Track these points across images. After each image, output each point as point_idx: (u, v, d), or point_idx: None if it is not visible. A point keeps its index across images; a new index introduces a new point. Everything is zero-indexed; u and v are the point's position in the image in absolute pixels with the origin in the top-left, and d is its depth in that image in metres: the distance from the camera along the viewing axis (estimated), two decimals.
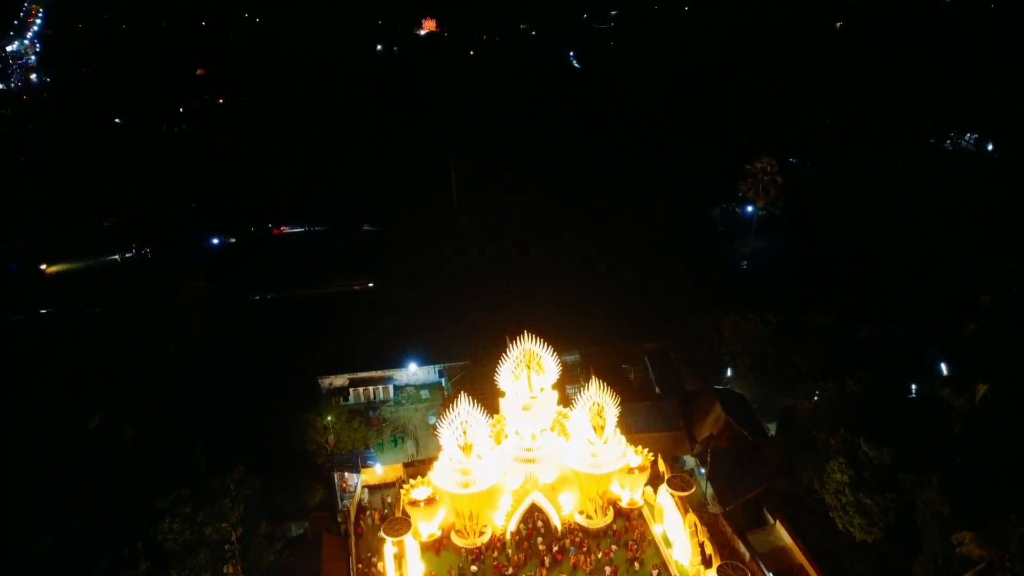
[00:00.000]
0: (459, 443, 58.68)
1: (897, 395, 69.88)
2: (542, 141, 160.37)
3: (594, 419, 59.80)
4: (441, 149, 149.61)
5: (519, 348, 59.07)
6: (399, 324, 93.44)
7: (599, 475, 60.50)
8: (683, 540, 58.88)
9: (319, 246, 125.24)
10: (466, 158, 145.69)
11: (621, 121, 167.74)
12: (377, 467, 69.97)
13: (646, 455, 64.16)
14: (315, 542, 63.69)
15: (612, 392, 59.79)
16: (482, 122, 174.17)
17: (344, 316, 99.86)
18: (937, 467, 56.44)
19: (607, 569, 58.78)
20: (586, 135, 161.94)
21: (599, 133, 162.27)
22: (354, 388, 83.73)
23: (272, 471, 66.89)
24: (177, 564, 51.90)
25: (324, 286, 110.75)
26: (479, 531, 62.20)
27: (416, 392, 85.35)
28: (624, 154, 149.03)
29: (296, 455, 70.50)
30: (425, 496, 61.30)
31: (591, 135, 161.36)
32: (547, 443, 61.01)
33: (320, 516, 66.39)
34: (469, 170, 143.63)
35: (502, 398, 61.18)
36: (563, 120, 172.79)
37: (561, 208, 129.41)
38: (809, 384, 70.37)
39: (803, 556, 58.91)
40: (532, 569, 59.40)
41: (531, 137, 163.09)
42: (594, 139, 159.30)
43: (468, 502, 59.69)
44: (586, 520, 63.83)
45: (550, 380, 60.69)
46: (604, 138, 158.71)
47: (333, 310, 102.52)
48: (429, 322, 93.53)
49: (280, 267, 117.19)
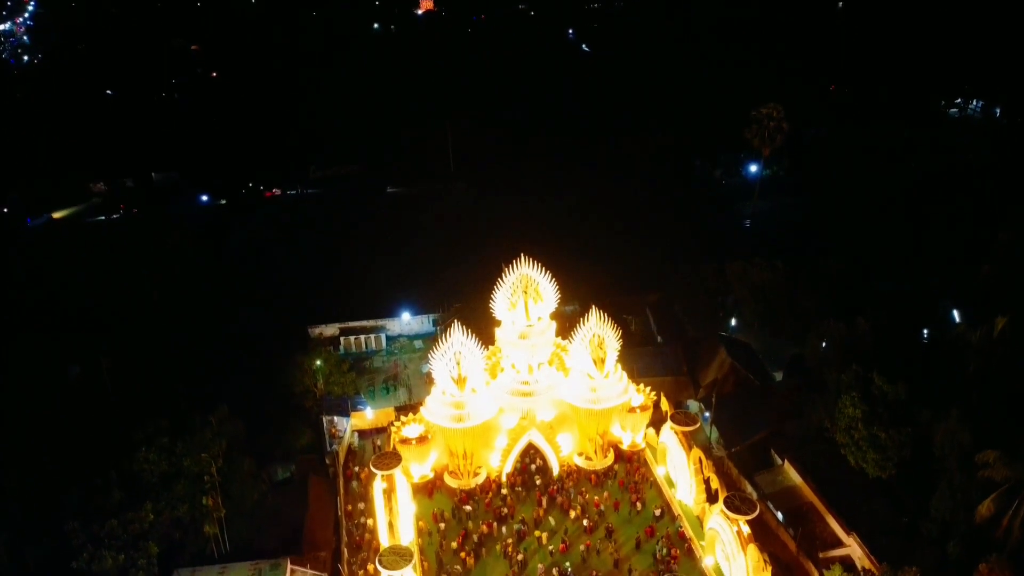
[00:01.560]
0: (452, 376, 55.78)
1: (910, 337, 66.93)
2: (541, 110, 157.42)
3: (594, 352, 56.88)
4: (438, 117, 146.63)
5: (516, 273, 55.85)
6: (392, 274, 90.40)
7: (599, 411, 57.63)
8: (686, 479, 56.05)
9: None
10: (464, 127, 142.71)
11: (621, 91, 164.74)
12: (368, 411, 67.04)
13: (648, 394, 61.36)
14: (302, 484, 61.01)
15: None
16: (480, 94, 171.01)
17: (336, 265, 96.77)
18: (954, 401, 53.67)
19: (604, 510, 56.03)
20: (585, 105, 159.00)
21: (598, 102, 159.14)
22: (345, 338, 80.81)
23: (258, 414, 64.28)
24: (153, 495, 49.04)
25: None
26: (473, 472, 59.38)
27: (410, 343, 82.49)
28: (624, 121, 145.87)
29: (283, 399, 67.83)
30: (417, 434, 58.45)
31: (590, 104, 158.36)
32: (545, 377, 58.03)
33: (308, 459, 63.65)
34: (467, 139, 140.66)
35: (498, 328, 58.14)
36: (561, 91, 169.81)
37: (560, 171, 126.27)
38: (819, 327, 67.27)
39: (813, 494, 56.21)
40: (528, 509, 56.58)
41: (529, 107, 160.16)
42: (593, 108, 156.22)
43: (462, 439, 56.80)
44: (585, 462, 61.01)
45: (548, 309, 57.70)
46: (603, 106, 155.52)
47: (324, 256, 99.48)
48: (423, 273, 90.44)
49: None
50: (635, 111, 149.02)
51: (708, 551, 51.58)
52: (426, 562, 51.99)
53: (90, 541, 44.65)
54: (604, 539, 53.44)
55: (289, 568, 44.48)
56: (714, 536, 50.65)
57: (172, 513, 49.18)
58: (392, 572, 43.46)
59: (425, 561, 52.00)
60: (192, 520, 50.81)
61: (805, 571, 51.96)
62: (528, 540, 53.91)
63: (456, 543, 53.21)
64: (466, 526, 55.23)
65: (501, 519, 55.60)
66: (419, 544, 52.29)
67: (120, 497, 47.54)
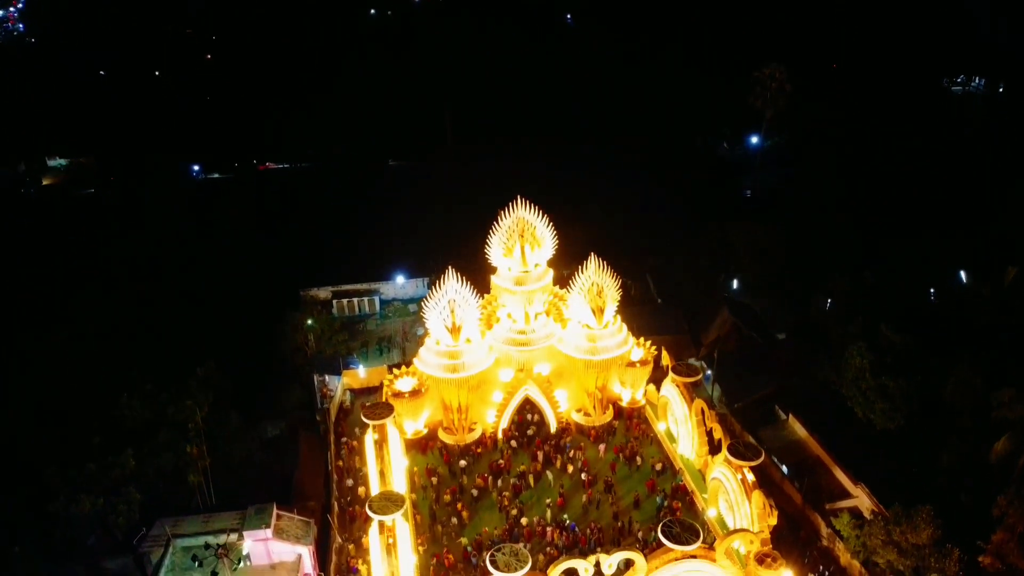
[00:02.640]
0: (446, 325, 53.85)
1: (917, 291, 65.28)
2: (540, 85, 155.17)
3: (592, 301, 54.95)
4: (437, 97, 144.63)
5: (511, 216, 53.87)
6: (387, 238, 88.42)
7: (598, 363, 55.66)
8: (688, 433, 54.20)
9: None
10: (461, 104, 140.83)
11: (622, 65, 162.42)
12: (360, 369, 65.16)
13: (648, 348, 59.50)
14: (292, 441, 59.30)
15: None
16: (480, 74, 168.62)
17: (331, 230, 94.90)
18: (965, 351, 52.05)
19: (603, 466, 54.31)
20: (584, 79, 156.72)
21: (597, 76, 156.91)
22: (337, 300, 78.93)
23: (248, 371, 62.65)
24: (135, 442, 47.19)
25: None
26: (468, 427, 57.55)
27: (404, 306, 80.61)
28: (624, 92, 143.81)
29: (274, 357, 66.01)
30: (410, 387, 56.58)
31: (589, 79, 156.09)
32: (542, 327, 56.13)
33: (298, 416, 61.87)
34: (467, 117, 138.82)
35: (493, 275, 56.22)
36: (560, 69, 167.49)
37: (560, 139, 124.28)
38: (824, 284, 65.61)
39: (819, 447, 54.49)
40: (524, 463, 54.75)
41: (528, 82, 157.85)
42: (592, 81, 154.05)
43: (456, 391, 54.89)
44: (584, 418, 59.17)
45: (545, 256, 55.75)
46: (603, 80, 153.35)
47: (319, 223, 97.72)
48: (419, 238, 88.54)
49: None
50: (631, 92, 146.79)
51: (711, 503, 49.81)
52: (419, 515, 50.24)
53: (68, 485, 42.83)
54: (603, 492, 51.71)
55: (275, 513, 42.63)
56: (717, 486, 48.84)
57: (155, 461, 47.34)
58: (383, 517, 41.60)
59: (418, 515, 50.25)
60: (176, 470, 49.01)
61: (811, 523, 50.26)
62: (525, 495, 52.16)
63: (449, 496, 51.44)
64: (460, 481, 53.46)
65: (497, 474, 53.80)
66: (412, 498, 50.53)
67: (100, 442, 45.67)
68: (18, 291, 73.82)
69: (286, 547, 42.19)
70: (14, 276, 77.62)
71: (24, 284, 76.21)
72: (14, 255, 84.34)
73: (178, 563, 42.46)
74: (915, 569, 39.29)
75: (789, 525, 49.60)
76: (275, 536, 41.50)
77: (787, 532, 48.68)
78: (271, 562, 41.97)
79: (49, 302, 72.05)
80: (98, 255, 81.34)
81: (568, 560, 40.71)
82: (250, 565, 42.04)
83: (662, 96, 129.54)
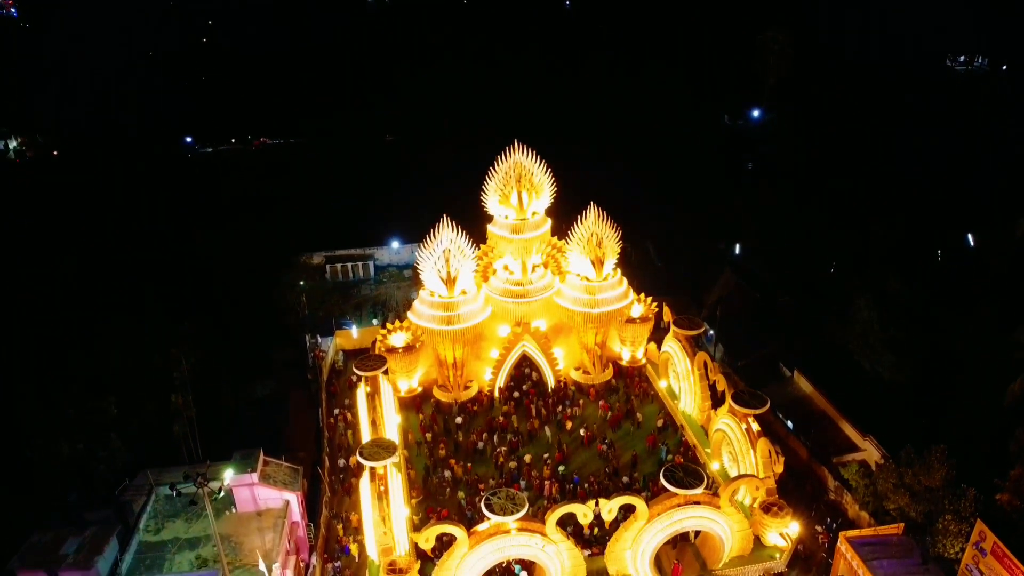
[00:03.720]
0: (441, 275, 52.16)
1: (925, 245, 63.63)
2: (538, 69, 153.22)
3: (592, 252, 53.29)
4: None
5: (508, 161, 52.03)
6: (382, 203, 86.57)
7: (596, 316, 54.00)
8: (690, 388, 52.54)
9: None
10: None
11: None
12: (353, 330, 63.53)
13: (649, 304, 57.86)
14: (283, 398, 57.71)
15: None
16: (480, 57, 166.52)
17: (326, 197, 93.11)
18: (976, 302, 50.46)
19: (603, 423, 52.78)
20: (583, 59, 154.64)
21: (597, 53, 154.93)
22: (331, 265, 77.19)
23: (239, 330, 60.96)
24: (118, 389, 45.47)
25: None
26: (464, 384, 55.95)
27: (399, 272, 78.94)
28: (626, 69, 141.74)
29: (266, 316, 64.29)
30: (403, 342, 54.92)
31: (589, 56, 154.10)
32: (539, 279, 54.43)
33: (289, 375, 60.24)
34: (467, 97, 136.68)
35: (489, 224, 54.48)
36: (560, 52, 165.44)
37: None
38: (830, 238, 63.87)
39: (826, 401, 52.88)
40: (522, 421, 53.14)
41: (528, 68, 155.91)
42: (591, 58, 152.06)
43: (452, 345, 53.22)
44: (583, 376, 57.59)
45: (543, 204, 54.00)
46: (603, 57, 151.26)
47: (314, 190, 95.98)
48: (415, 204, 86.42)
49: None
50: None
51: (714, 457, 48.25)
52: (412, 471, 48.64)
53: (46, 429, 41.14)
54: (604, 448, 50.12)
55: (262, 459, 40.95)
56: (720, 439, 47.28)
57: (139, 410, 45.63)
58: (373, 463, 39.92)
59: (412, 470, 48.65)
60: (161, 426, 47.39)
61: (818, 477, 48.67)
62: (522, 451, 50.55)
63: (443, 451, 49.84)
64: (456, 438, 51.86)
65: (493, 431, 52.19)
66: (405, 455, 48.93)
67: (80, 389, 43.95)
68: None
69: (273, 493, 40.50)
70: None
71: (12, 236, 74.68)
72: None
73: (161, 510, 40.87)
74: (927, 514, 37.65)
75: (795, 480, 48.06)
76: (261, 481, 39.81)
77: (793, 487, 47.15)
78: (257, 508, 40.27)
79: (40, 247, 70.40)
80: (88, 219, 79.56)
81: (567, 506, 39.20)
82: (235, 512, 40.39)
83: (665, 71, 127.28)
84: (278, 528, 39.30)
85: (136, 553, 38.24)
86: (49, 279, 60.78)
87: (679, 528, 40.19)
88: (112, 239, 71.99)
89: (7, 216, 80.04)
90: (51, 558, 37.97)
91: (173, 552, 38.17)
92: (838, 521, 44.60)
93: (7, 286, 60.41)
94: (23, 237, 73.46)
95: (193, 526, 39.73)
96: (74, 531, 39.43)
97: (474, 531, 38.42)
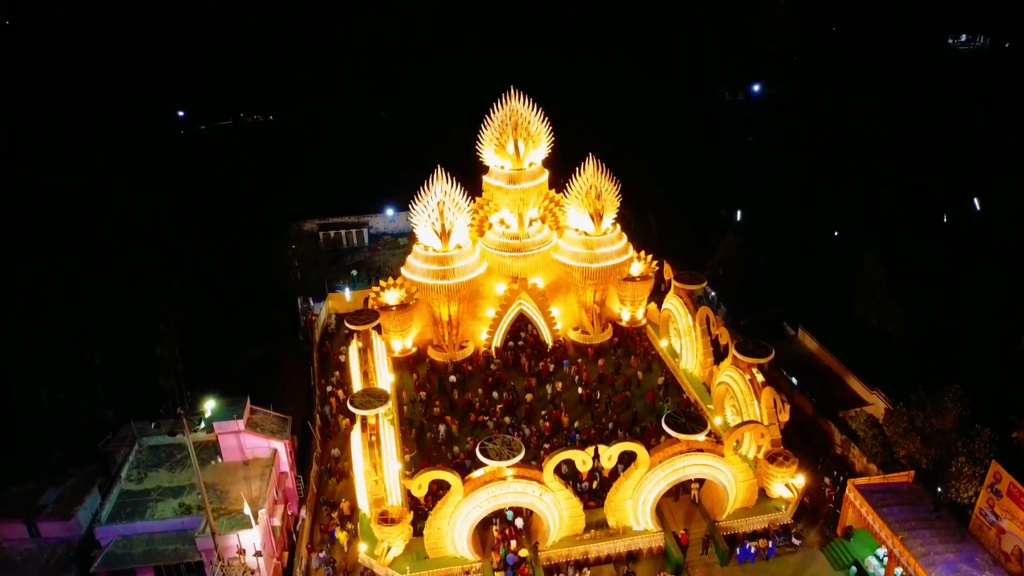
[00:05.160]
0: (435, 229, 50.61)
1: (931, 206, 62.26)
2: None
3: (591, 205, 51.71)
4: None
5: (504, 109, 50.40)
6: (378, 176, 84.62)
7: (595, 271, 52.38)
8: (691, 345, 51.12)
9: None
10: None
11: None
12: (346, 292, 62.07)
13: (649, 262, 56.37)
14: (275, 361, 56.24)
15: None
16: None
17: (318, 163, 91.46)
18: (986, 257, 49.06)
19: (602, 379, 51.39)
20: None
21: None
22: (324, 232, 75.61)
23: (230, 294, 59.51)
24: (102, 340, 44.02)
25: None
26: (459, 344, 54.48)
27: (394, 240, 77.29)
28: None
29: (258, 280, 62.79)
30: (397, 300, 53.42)
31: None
32: (536, 232, 52.91)
33: (281, 338, 58.79)
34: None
35: (484, 175, 52.94)
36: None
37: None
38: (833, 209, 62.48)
39: (831, 358, 51.49)
40: (518, 380, 51.68)
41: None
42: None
43: (447, 301, 51.69)
44: (581, 336, 56.15)
45: (541, 155, 52.42)
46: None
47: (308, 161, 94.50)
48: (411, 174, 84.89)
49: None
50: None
51: (717, 412, 46.91)
52: (409, 429, 47.25)
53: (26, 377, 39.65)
54: (602, 405, 48.76)
55: (248, 407, 39.49)
56: (723, 392, 45.91)
57: (123, 362, 44.16)
58: (365, 412, 38.44)
59: (406, 428, 47.25)
60: (147, 376, 45.83)
61: (824, 431, 47.26)
62: (518, 409, 49.14)
63: (438, 408, 48.42)
64: (451, 396, 50.44)
65: (489, 389, 50.76)
66: (398, 413, 47.51)
67: (62, 339, 42.48)
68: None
69: (260, 442, 39.06)
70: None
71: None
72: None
73: (144, 460, 39.50)
74: (939, 460, 36.23)
75: (801, 435, 46.65)
76: (248, 429, 38.36)
77: (799, 442, 45.74)
78: (244, 458, 38.84)
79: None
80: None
81: (566, 452, 37.80)
82: (221, 461, 38.94)
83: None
84: (265, 477, 37.90)
85: (117, 500, 36.82)
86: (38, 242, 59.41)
87: (681, 476, 38.78)
88: (105, 206, 70.41)
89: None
90: (29, 508, 36.67)
91: (156, 500, 36.76)
92: (845, 474, 43.21)
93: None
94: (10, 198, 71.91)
95: (177, 475, 38.36)
96: (55, 483, 38.13)
97: (469, 478, 37.05)
